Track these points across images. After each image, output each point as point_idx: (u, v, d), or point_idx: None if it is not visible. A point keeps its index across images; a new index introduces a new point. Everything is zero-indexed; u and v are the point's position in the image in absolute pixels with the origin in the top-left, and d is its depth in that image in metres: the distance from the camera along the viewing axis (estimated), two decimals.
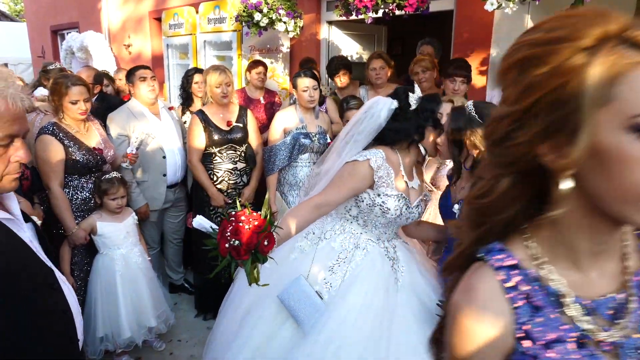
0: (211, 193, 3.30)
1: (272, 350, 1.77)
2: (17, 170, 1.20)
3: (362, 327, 1.72)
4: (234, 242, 1.45)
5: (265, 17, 4.13)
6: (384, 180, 1.87)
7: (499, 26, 3.84)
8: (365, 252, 1.91)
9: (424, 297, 1.88)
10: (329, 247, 1.94)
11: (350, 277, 1.85)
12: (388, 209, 1.88)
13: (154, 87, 3.39)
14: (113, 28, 8.22)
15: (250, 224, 1.46)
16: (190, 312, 3.71)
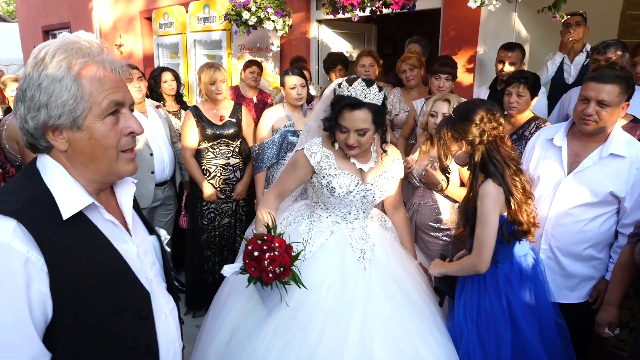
0: (203, 188, 3.32)
1: (246, 325, 1.90)
2: (130, 145, 1.06)
3: (324, 300, 1.84)
4: (278, 269, 1.68)
5: (253, 15, 4.15)
6: (324, 162, 2.01)
7: (486, 24, 3.88)
8: (330, 234, 2.04)
9: (394, 273, 1.97)
10: (295, 231, 2.07)
11: (312, 257, 1.97)
12: (333, 188, 2.00)
13: (140, 87, 3.40)
14: (104, 28, 8.21)
15: (275, 248, 1.70)
16: (182, 310, 3.71)
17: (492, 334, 1.89)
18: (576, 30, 3.47)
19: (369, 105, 1.87)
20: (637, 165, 2.02)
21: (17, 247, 0.89)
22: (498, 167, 1.85)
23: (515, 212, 1.86)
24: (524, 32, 3.99)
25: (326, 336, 1.77)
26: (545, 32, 3.99)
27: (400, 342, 1.79)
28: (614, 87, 1.96)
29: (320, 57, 5.31)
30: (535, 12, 3.10)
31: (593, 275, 2.22)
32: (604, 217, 2.13)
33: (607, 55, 2.84)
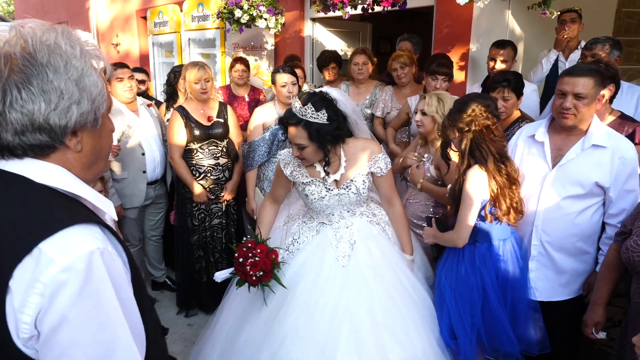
0: (193, 190, 3.30)
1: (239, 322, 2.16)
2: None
3: (298, 297, 2.01)
4: (259, 273, 1.92)
5: (245, 13, 4.13)
6: (296, 172, 2.18)
7: (478, 22, 3.85)
8: (315, 233, 2.21)
9: (375, 269, 2.08)
10: (289, 231, 2.27)
11: (295, 255, 2.16)
12: (306, 195, 2.18)
13: (131, 87, 3.38)
14: (101, 27, 8.21)
15: (256, 254, 1.93)
16: (172, 308, 3.71)
17: (466, 302, 2.07)
18: (571, 27, 3.45)
19: (304, 122, 1.97)
20: (618, 155, 2.05)
21: (112, 251, 0.84)
22: (483, 153, 2.01)
23: (497, 196, 2.01)
24: (518, 29, 3.96)
25: (297, 328, 1.93)
26: (539, 29, 3.97)
27: (365, 333, 1.90)
28: (589, 80, 2.00)
29: (314, 56, 5.29)
30: (527, 9, 3.08)
31: (584, 269, 2.23)
32: (592, 209, 2.15)
33: (594, 51, 2.83)
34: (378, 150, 2.18)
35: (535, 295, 2.26)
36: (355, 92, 3.96)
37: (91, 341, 0.77)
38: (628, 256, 1.79)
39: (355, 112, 2.16)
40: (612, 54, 2.87)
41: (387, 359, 1.87)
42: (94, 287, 0.77)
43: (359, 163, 2.15)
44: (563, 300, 2.27)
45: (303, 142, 2.00)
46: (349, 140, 2.15)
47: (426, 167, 2.61)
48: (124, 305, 0.82)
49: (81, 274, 0.76)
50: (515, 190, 2.06)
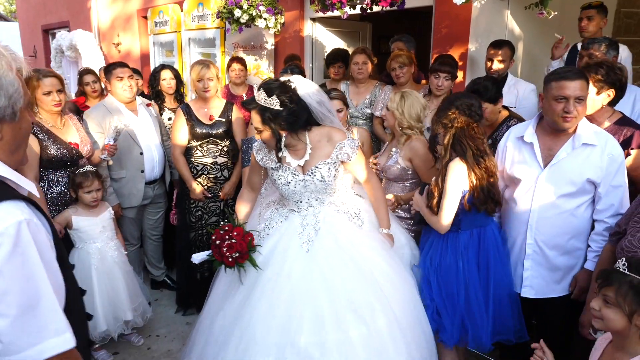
0: (190, 186, 3.32)
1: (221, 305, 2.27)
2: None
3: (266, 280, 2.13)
4: (235, 254, 2.04)
5: (245, 13, 4.14)
6: (267, 158, 2.29)
7: (477, 22, 3.86)
8: (284, 219, 2.31)
9: (341, 253, 2.17)
10: (262, 217, 2.38)
11: (267, 238, 2.28)
12: (274, 180, 2.28)
13: (131, 86, 3.39)
14: (102, 27, 8.23)
15: (233, 237, 2.06)
16: (171, 307, 3.72)
17: (449, 286, 2.23)
18: (588, 25, 3.41)
19: (258, 107, 2.10)
20: (607, 151, 2.10)
21: (37, 222, 1.04)
22: (464, 147, 2.17)
23: (476, 187, 2.17)
24: (517, 29, 3.97)
25: (261, 310, 2.06)
26: (538, 29, 3.97)
27: (327, 314, 2.01)
28: (584, 82, 2.06)
29: (314, 55, 5.31)
30: (525, 9, 3.08)
31: (576, 265, 2.27)
32: (583, 206, 2.19)
33: (590, 51, 2.84)
34: (342, 137, 2.23)
35: (531, 293, 2.31)
36: (355, 92, 3.97)
37: (20, 290, 0.98)
38: (623, 256, 1.80)
39: (322, 105, 2.23)
40: (609, 54, 2.87)
41: (349, 337, 1.98)
42: (21, 249, 0.98)
43: (324, 150, 2.22)
44: (556, 297, 2.30)
45: (258, 125, 2.12)
46: (314, 129, 2.23)
47: (393, 160, 2.73)
48: (46, 265, 1.03)
49: (12, 237, 0.97)
50: (493, 182, 2.21)
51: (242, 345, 2.04)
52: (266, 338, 2.01)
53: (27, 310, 0.98)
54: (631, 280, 1.45)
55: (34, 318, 0.99)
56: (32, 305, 0.99)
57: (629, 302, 1.45)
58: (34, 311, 0.99)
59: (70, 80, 7.64)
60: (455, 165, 2.17)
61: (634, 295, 1.44)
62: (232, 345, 2.07)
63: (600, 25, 3.44)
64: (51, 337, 1.01)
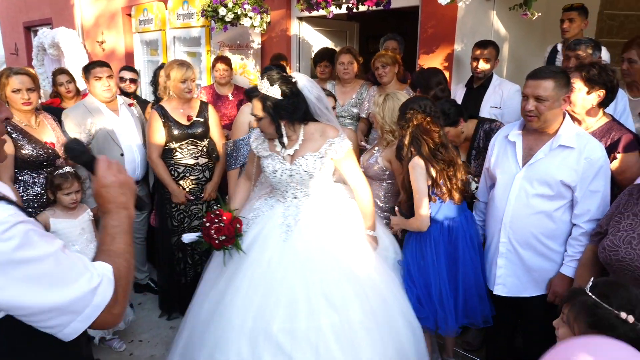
0: (172, 190, 3.26)
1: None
2: None
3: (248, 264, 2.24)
4: (222, 237, 2.17)
5: (230, 12, 4.09)
6: (260, 146, 2.40)
7: (463, 22, 3.85)
8: (270, 207, 2.41)
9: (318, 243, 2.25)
10: (252, 207, 2.48)
11: (253, 225, 2.38)
12: (263, 167, 2.39)
13: (110, 86, 3.31)
14: (86, 24, 8.10)
15: (221, 220, 2.18)
16: (155, 311, 3.65)
17: (425, 276, 2.37)
18: (569, 27, 3.44)
19: (260, 95, 2.21)
20: (585, 155, 2.08)
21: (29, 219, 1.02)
22: (420, 143, 2.31)
23: (436, 179, 2.29)
24: (503, 29, 3.97)
25: (238, 295, 2.17)
26: (524, 29, 3.97)
27: (301, 301, 2.09)
28: (548, 82, 2.05)
29: (301, 55, 5.27)
30: (510, 10, 3.08)
31: (553, 269, 2.25)
32: (561, 210, 2.17)
33: (577, 52, 2.85)
34: (334, 134, 2.30)
35: (503, 291, 2.33)
36: (341, 92, 3.94)
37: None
38: (605, 255, 1.81)
39: (320, 101, 2.32)
40: (594, 55, 2.89)
41: (320, 325, 2.05)
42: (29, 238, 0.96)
43: (314, 144, 2.30)
44: (534, 297, 2.30)
45: (259, 113, 2.22)
46: (310, 123, 2.32)
47: (373, 160, 2.78)
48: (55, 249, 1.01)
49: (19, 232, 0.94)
50: (456, 171, 2.33)
51: (219, 330, 2.14)
52: (242, 324, 2.10)
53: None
54: (586, 300, 1.35)
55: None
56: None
57: (579, 323, 1.35)
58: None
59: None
60: (414, 164, 2.31)
61: (584, 316, 1.34)
62: (213, 328, 2.17)
63: (581, 27, 3.47)
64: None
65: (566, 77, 2.11)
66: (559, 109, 2.10)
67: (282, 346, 2.03)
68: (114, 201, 1.21)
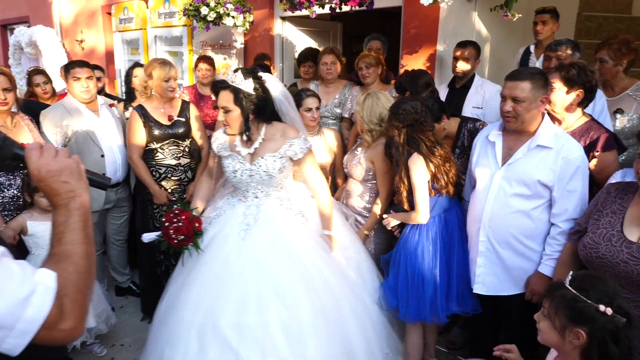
0: (153, 191, 3.21)
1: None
2: None
3: (204, 259, 2.29)
4: (180, 237, 2.18)
5: (212, 11, 4.05)
6: (221, 146, 2.44)
7: (445, 23, 3.88)
8: (232, 207, 2.43)
9: (276, 241, 2.28)
10: (215, 206, 2.51)
11: (214, 223, 2.41)
12: (224, 168, 2.41)
13: (89, 88, 3.22)
14: (65, 22, 7.94)
15: (180, 220, 2.19)
16: (136, 315, 3.60)
17: (417, 268, 2.44)
18: (542, 29, 3.50)
19: (231, 87, 2.20)
20: (562, 155, 2.09)
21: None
22: (417, 142, 2.39)
23: (435, 174, 2.39)
24: (484, 30, 4.01)
25: (190, 291, 2.22)
26: (505, 30, 4.02)
27: (251, 298, 2.12)
28: (525, 84, 2.07)
29: (284, 55, 5.25)
30: (491, 11, 3.12)
31: (532, 268, 2.27)
32: (539, 209, 2.18)
33: (558, 53, 2.90)
34: (295, 135, 2.34)
35: (483, 289, 2.35)
36: (324, 92, 3.93)
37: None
38: (586, 253, 1.83)
39: (288, 100, 2.41)
40: (574, 56, 2.94)
41: (267, 320, 2.07)
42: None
43: (274, 144, 2.33)
44: (513, 295, 2.31)
45: (229, 105, 2.21)
46: (274, 123, 2.36)
47: (356, 161, 2.80)
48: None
49: None
50: (450, 166, 2.43)
51: (171, 326, 2.18)
52: (192, 319, 2.12)
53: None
54: (566, 293, 1.39)
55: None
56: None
57: (560, 317, 1.40)
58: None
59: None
60: (414, 161, 2.38)
61: (564, 309, 1.39)
62: (165, 324, 2.22)
63: (553, 29, 3.54)
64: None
65: (544, 78, 2.12)
66: (536, 110, 2.12)
67: (229, 341, 2.04)
68: (59, 193, 1.01)
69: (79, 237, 0.99)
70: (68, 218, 1.00)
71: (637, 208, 1.78)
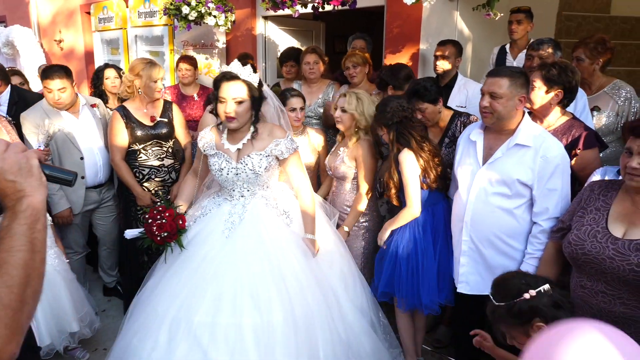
0: (136, 193, 3.16)
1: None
2: None
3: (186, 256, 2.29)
4: (164, 234, 2.18)
5: (193, 10, 4.00)
6: (207, 144, 2.43)
7: (428, 22, 3.90)
8: (217, 206, 2.43)
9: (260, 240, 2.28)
10: (201, 205, 2.50)
11: (200, 222, 2.41)
12: (210, 165, 2.41)
13: (60, 99, 3.10)
14: (43, 22, 7.78)
15: (163, 217, 2.19)
16: (120, 318, 3.51)
17: (410, 259, 2.52)
18: (517, 28, 3.54)
19: (244, 80, 2.22)
20: (541, 154, 2.10)
21: None
22: (407, 138, 2.47)
23: (425, 168, 2.46)
24: (466, 29, 4.04)
25: (167, 285, 2.23)
26: (487, 30, 4.06)
27: (227, 297, 2.11)
28: (504, 80, 2.09)
29: (267, 54, 5.22)
30: (477, 11, 3.13)
31: (515, 267, 2.26)
32: (520, 209, 2.19)
33: (540, 52, 2.93)
34: (281, 135, 2.37)
35: (466, 289, 2.36)
36: (307, 92, 3.91)
37: None
38: (571, 250, 1.84)
39: (278, 100, 2.49)
40: (556, 55, 2.97)
41: (241, 323, 2.07)
42: None
43: (261, 143, 2.35)
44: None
45: (243, 95, 2.21)
46: (262, 122, 2.38)
47: (339, 161, 2.80)
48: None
49: None
50: (438, 161, 2.51)
51: (142, 317, 2.19)
52: (166, 312, 2.13)
53: None
54: (498, 310, 1.54)
55: None
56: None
57: (516, 328, 1.52)
58: None
59: None
60: (405, 156, 2.44)
61: (511, 321, 1.53)
62: (137, 316, 2.24)
63: (527, 29, 3.59)
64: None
65: (524, 77, 2.13)
66: (514, 107, 2.12)
67: (200, 339, 2.05)
68: (6, 194, 0.88)
69: (19, 244, 0.85)
70: (11, 222, 0.86)
71: (621, 205, 1.80)
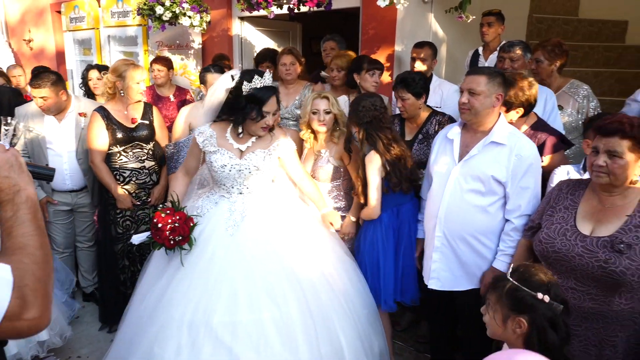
0: (116, 195, 3.10)
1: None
2: None
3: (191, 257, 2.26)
4: (178, 238, 2.15)
5: (167, 10, 3.95)
6: (207, 141, 2.40)
7: (403, 24, 3.94)
8: (215, 204, 2.42)
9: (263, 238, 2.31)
10: (194, 206, 2.47)
11: (199, 222, 2.36)
12: (211, 162, 2.39)
13: (43, 106, 3.13)
14: (11, 21, 7.56)
15: (176, 220, 2.15)
16: (94, 324, 3.47)
17: (379, 260, 2.57)
18: (488, 31, 3.62)
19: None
20: (515, 152, 2.16)
21: None
22: (374, 139, 2.48)
23: (389, 172, 2.49)
24: (440, 31, 4.10)
25: (179, 288, 2.20)
26: (461, 31, 4.13)
27: (242, 295, 2.13)
28: (482, 78, 2.16)
29: (243, 55, 5.19)
30: (446, 13, 3.19)
31: (487, 264, 2.31)
32: (494, 206, 2.24)
33: (511, 54, 3.00)
34: (282, 134, 2.51)
35: (437, 285, 2.38)
36: (284, 93, 3.89)
37: None
38: (542, 248, 1.88)
39: None
40: (526, 57, 3.06)
41: (261, 318, 2.10)
42: None
43: (264, 142, 2.44)
44: (467, 290, 2.36)
45: (277, 106, 2.36)
46: None
47: (323, 162, 2.83)
48: None
49: None
50: (406, 163, 2.53)
51: (159, 324, 2.14)
52: (182, 317, 2.11)
53: None
54: (507, 285, 1.47)
55: None
56: None
57: (502, 307, 1.47)
58: None
59: None
60: (371, 158, 2.48)
61: (506, 300, 1.46)
62: (153, 323, 2.17)
63: (499, 31, 3.67)
64: None
65: (501, 77, 2.19)
66: (491, 105, 2.17)
67: (222, 339, 2.05)
68: (2, 188, 0.99)
69: (30, 230, 0.97)
70: (15, 212, 0.98)
71: (588, 203, 1.85)
